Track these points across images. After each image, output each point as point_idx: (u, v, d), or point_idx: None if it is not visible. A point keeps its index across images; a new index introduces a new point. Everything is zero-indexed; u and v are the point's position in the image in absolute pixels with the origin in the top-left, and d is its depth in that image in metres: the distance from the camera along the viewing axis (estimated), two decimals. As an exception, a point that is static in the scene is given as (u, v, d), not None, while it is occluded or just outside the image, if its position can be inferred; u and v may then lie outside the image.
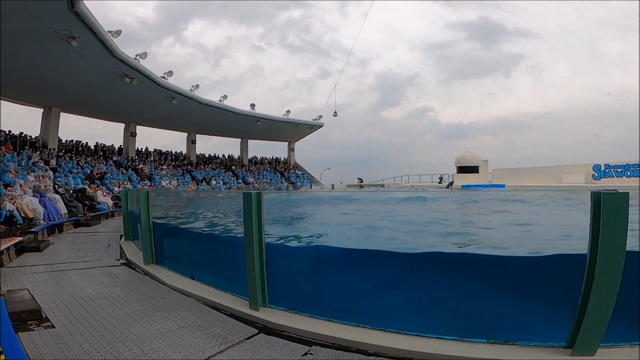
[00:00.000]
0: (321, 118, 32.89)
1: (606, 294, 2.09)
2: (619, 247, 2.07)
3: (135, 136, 25.31)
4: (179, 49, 63.94)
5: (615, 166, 22.29)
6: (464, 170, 29.51)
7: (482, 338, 2.49)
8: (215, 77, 65.00)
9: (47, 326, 2.97)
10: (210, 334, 2.80)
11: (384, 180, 35.28)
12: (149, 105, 22.33)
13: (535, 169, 27.13)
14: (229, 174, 29.58)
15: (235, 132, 31.38)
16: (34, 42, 12.85)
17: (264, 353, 2.50)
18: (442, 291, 2.85)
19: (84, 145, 22.32)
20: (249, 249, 3.14)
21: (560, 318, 2.37)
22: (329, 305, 3.05)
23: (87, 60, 14.95)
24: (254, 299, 3.19)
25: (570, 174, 23.84)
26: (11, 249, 5.78)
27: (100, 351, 2.51)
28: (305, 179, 33.64)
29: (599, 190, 2.13)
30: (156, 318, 3.15)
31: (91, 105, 20.71)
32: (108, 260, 5.71)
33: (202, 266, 4.40)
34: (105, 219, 12.68)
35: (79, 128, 49.12)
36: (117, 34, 14.91)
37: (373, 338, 2.59)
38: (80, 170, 17.50)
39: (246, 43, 67.41)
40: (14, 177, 11.43)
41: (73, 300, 3.66)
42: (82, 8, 11.59)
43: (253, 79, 69.80)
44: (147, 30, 58.09)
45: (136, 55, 17.36)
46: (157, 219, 5.35)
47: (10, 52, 12.64)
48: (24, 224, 8.26)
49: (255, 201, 3.13)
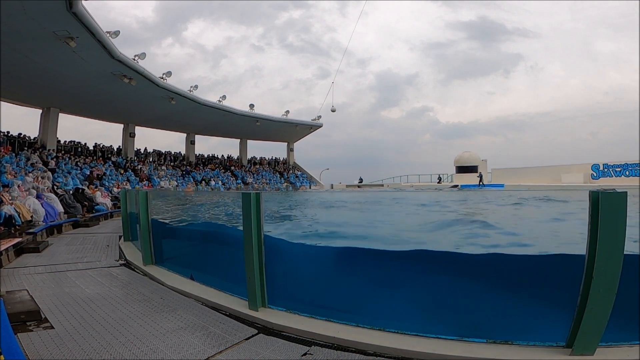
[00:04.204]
0: (320, 118, 32.92)
1: (605, 293, 2.09)
2: (617, 246, 2.07)
3: (134, 137, 25.27)
4: (178, 49, 64.06)
5: (614, 165, 22.35)
6: (463, 170, 29.54)
7: (482, 338, 2.49)
8: (214, 78, 65.11)
9: (46, 327, 2.97)
10: (209, 335, 2.80)
11: (383, 180, 35.29)
12: (148, 105, 22.30)
13: (534, 168, 27.20)
14: (228, 174, 29.56)
15: (234, 132, 31.35)
16: (32, 43, 12.82)
17: (263, 353, 2.50)
18: (441, 291, 2.85)
19: (82, 146, 22.27)
20: (248, 250, 3.14)
21: (559, 317, 2.37)
22: (328, 305, 3.05)
23: (86, 61, 14.93)
24: (253, 300, 3.19)
25: (569, 174, 23.90)
26: (10, 250, 5.77)
27: (99, 352, 2.51)
28: (304, 179, 33.62)
29: (597, 189, 2.14)
30: (155, 319, 3.15)
31: (90, 106, 20.67)
32: (107, 261, 5.70)
33: (201, 267, 4.40)
34: (105, 219, 12.65)
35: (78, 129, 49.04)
36: (115, 35, 14.88)
37: (372, 338, 2.59)
38: (79, 172, 17.47)
39: (245, 43, 67.61)
40: (13, 178, 11.41)
41: (72, 301, 3.66)
42: (80, 9, 11.56)
43: (252, 79, 69.95)
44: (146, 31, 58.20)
45: (135, 55, 17.34)
46: (156, 219, 5.34)
47: (8, 53, 12.61)
48: (22, 225, 8.24)
49: (254, 202, 3.13)
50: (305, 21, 66.62)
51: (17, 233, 7.33)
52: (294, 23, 65.92)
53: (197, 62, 65.83)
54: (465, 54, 67.69)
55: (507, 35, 64.19)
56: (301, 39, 68.60)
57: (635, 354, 2.21)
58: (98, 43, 13.79)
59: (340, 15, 67.05)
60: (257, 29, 68.98)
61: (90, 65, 15.49)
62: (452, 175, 31.47)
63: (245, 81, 70.49)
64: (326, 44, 69.18)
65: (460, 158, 30.86)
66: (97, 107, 21.21)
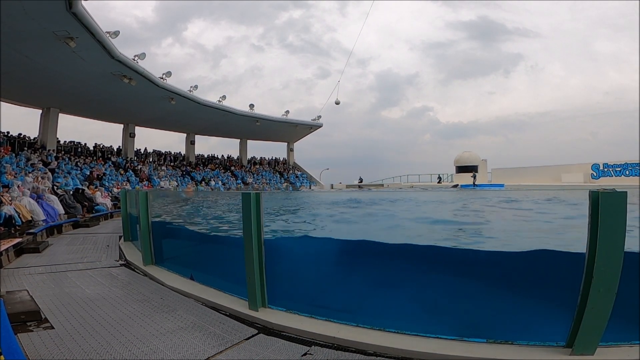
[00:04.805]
0: (320, 118, 32.89)
1: (605, 293, 2.09)
2: (617, 246, 2.07)
3: (134, 137, 25.28)
4: (178, 49, 64.10)
5: (614, 165, 22.35)
6: (463, 170, 29.55)
7: (482, 337, 2.48)
8: (214, 78, 65.16)
9: (46, 327, 2.97)
10: (209, 335, 2.80)
11: (383, 180, 35.29)
12: (148, 106, 22.31)
13: (534, 168, 27.20)
14: (228, 174, 29.56)
15: (234, 132, 31.36)
16: (31, 43, 12.83)
17: (263, 353, 2.50)
18: (441, 290, 2.85)
19: (82, 146, 22.28)
20: (248, 250, 3.14)
21: (560, 317, 2.37)
22: (328, 305, 3.05)
23: (86, 61, 14.95)
24: (253, 300, 3.19)
25: (569, 173, 23.90)
26: (10, 250, 5.77)
27: (99, 352, 2.51)
28: (304, 179, 33.63)
29: (597, 189, 2.14)
30: (155, 319, 3.15)
31: (90, 106, 20.68)
32: (107, 261, 5.70)
33: (201, 267, 4.40)
34: (105, 219, 12.66)
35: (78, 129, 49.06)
36: (115, 35, 14.88)
37: (372, 338, 2.59)
38: (79, 172, 17.47)
39: (246, 43, 67.67)
40: (13, 178, 11.41)
41: (72, 301, 3.66)
42: (80, 9, 11.58)
43: (252, 79, 70.00)
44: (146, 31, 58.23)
45: (135, 56, 17.34)
46: (156, 219, 5.34)
47: (8, 53, 12.62)
48: (22, 225, 8.24)
49: (254, 202, 3.12)
50: (305, 21, 66.73)
51: (17, 233, 7.34)
52: (294, 23, 66.03)
53: (197, 62, 65.96)
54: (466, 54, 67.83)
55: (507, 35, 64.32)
56: (301, 39, 68.70)
57: (635, 354, 2.21)
58: (98, 43, 13.80)
59: (340, 15, 67.22)
60: (257, 28, 69.11)
61: (90, 66, 15.50)
62: (452, 175, 31.47)
63: (245, 81, 70.63)
64: (326, 44, 69.32)
65: (460, 158, 30.85)
66: (97, 107, 21.22)
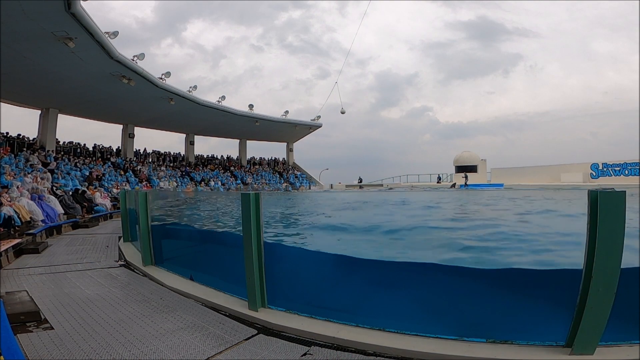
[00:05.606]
0: (319, 118, 32.89)
1: (604, 292, 2.09)
2: (616, 245, 2.07)
3: (133, 137, 25.26)
4: (177, 49, 64.05)
5: (613, 165, 22.37)
6: (463, 170, 29.56)
7: (481, 337, 2.49)
8: (214, 78, 65.14)
9: (45, 328, 2.97)
10: (209, 335, 2.80)
11: (382, 180, 35.30)
12: (147, 106, 22.29)
13: (533, 168, 27.22)
14: (228, 174, 29.55)
15: (234, 133, 31.35)
16: (30, 44, 12.81)
17: (263, 354, 2.50)
18: (441, 291, 2.85)
19: (82, 147, 22.26)
20: (248, 250, 3.14)
21: (559, 317, 2.37)
22: (328, 305, 3.04)
23: (85, 61, 14.93)
24: (253, 300, 3.19)
25: (568, 173, 23.94)
26: (9, 250, 5.76)
27: (99, 352, 2.51)
28: (304, 180, 33.62)
29: (596, 189, 2.14)
30: (155, 319, 3.15)
31: (89, 107, 20.66)
32: (107, 261, 5.69)
33: (201, 267, 4.40)
34: (104, 220, 12.65)
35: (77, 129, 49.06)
36: (114, 35, 14.87)
37: (372, 338, 2.59)
38: (78, 173, 17.45)
39: (245, 44, 67.63)
40: (12, 179, 11.39)
41: (72, 301, 3.66)
42: (78, 9, 11.56)
43: (252, 79, 69.98)
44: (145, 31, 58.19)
45: (134, 56, 17.33)
46: (155, 220, 5.34)
47: (7, 54, 12.60)
48: (22, 226, 8.23)
49: (253, 202, 3.12)
50: (305, 21, 66.71)
51: (16, 234, 7.33)
52: (294, 23, 66.01)
53: (196, 62, 65.92)
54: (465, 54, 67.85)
55: (506, 35, 64.36)
56: (301, 39, 68.70)
57: (635, 354, 2.21)
58: (97, 43, 13.79)
59: (340, 15, 67.19)
60: (256, 29, 69.09)
61: (89, 66, 15.48)
62: (451, 174, 31.49)
63: (244, 81, 70.60)
64: (326, 44, 69.31)
65: (459, 158, 30.88)
66: (96, 108, 21.20)
